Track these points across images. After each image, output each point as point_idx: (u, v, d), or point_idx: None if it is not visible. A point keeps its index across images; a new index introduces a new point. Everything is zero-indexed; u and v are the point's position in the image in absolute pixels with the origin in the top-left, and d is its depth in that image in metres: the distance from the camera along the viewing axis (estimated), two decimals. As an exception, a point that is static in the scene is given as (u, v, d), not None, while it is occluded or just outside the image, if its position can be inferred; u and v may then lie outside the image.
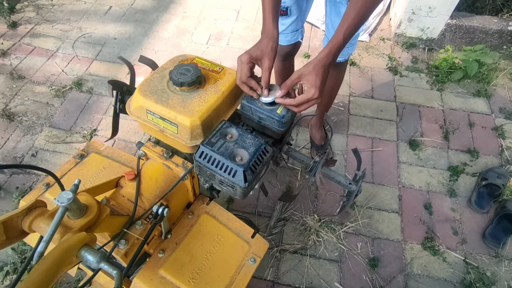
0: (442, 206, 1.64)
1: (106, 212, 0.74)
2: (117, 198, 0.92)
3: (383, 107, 1.99)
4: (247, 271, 0.96)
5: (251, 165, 0.79)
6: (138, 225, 0.87)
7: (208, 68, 0.98)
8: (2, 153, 1.71)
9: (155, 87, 0.91)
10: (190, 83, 0.89)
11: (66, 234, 0.67)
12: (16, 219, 0.67)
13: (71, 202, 0.66)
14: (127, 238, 0.85)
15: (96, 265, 0.63)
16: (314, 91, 0.80)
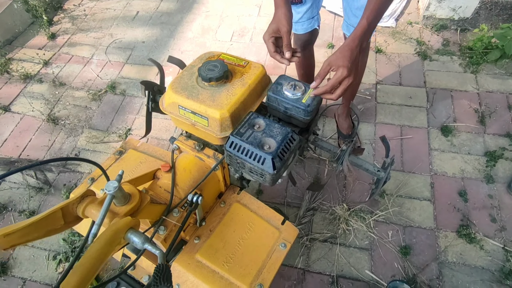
0: (479, 193, 1.58)
1: (147, 200, 0.81)
2: (154, 188, 1.00)
3: (412, 94, 1.94)
4: (278, 256, 1.00)
5: (279, 152, 0.82)
6: (175, 213, 0.94)
7: (234, 63, 1.02)
8: (50, 154, 1.87)
9: (185, 84, 0.97)
10: (218, 78, 0.93)
11: (113, 219, 0.75)
12: (72, 206, 0.75)
13: (116, 190, 0.73)
14: (165, 225, 0.92)
15: (141, 246, 0.70)
16: (343, 70, 0.83)
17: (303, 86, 0.97)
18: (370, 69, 2.06)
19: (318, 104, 0.96)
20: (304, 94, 0.95)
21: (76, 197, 0.75)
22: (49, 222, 0.72)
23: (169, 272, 0.61)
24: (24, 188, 1.74)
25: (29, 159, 1.85)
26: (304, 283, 1.44)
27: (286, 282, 1.45)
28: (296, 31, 1.45)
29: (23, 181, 1.76)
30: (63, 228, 0.76)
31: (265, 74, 1.02)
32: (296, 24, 1.41)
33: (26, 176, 1.78)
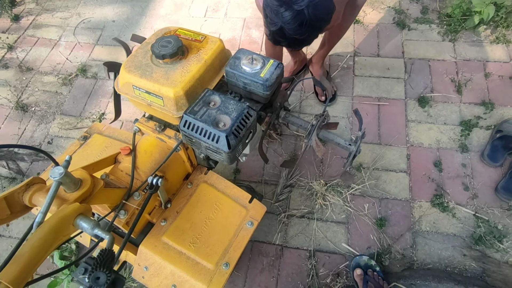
0: (453, 163, 1.59)
1: (100, 185, 0.79)
2: (116, 173, 0.97)
3: (390, 65, 1.91)
4: (245, 234, 0.99)
5: (233, 129, 0.80)
6: (136, 196, 0.92)
7: (191, 38, 0.98)
8: (21, 143, 1.82)
9: (139, 62, 0.93)
10: (172, 55, 0.89)
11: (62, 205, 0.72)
12: (17, 194, 0.72)
13: (62, 176, 0.70)
14: (126, 209, 0.90)
15: (90, 232, 0.68)
16: None
17: (262, 60, 0.93)
18: (348, 41, 2.01)
19: (278, 78, 0.93)
20: (263, 68, 0.91)
21: (21, 185, 0.72)
22: (-7, 213, 0.69)
23: (113, 259, 0.59)
24: (-4, 179, 1.70)
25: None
26: (282, 259, 1.46)
27: (265, 259, 1.47)
28: None
29: (-5, 172, 1.72)
30: (10, 218, 0.73)
31: (223, 49, 0.97)
32: None
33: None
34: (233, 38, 2.11)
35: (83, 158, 1.16)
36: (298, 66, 1.88)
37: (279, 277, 1.42)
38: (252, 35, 2.12)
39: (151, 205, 1.01)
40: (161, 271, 0.96)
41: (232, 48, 2.06)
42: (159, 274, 0.96)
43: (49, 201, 0.68)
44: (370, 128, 1.72)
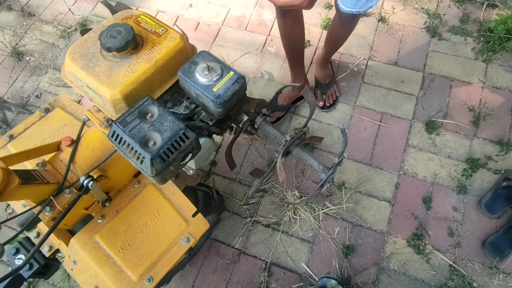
0: (444, 203, 1.43)
1: (14, 184, 0.73)
2: (55, 162, 0.92)
3: (406, 77, 1.69)
4: (178, 250, 0.94)
5: (161, 152, 0.70)
6: (66, 193, 0.87)
7: (151, 29, 0.85)
8: (11, 92, 1.81)
9: (87, 50, 0.83)
10: (118, 49, 0.78)
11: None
12: None
13: (-36, 173, 0.65)
14: (53, 206, 0.86)
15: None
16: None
17: (220, 70, 0.80)
18: (365, 40, 1.79)
19: (235, 94, 0.81)
20: (218, 81, 0.79)
21: None
22: None
23: None
24: (-18, 125, 1.72)
25: (-10, 95, 1.80)
26: (237, 264, 1.42)
27: (220, 260, 1.43)
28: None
29: (-18, 118, 1.73)
30: None
31: (183, 48, 0.85)
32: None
33: (-15, 113, 1.75)
34: (242, 16, 1.93)
35: (39, 132, 1.11)
36: (297, 93, 1.63)
37: (230, 281, 1.39)
38: (264, 15, 1.92)
39: (91, 200, 0.97)
40: (88, 269, 0.93)
41: (238, 27, 1.90)
42: (85, 271, 0.94)
43: None
44: (364, 145, 1.57)
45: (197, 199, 1.20)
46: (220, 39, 1.87)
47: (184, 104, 0.88)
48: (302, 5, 1.01)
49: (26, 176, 0.79)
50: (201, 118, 0.90)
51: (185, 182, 1.55)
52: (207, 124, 0.89)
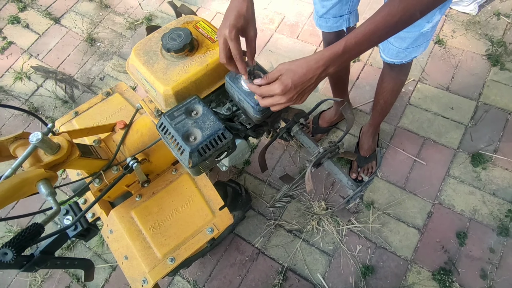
0: (481, 242, 1.36)
1: (75, 155, 0.85)
2: (108, 141, 1.04)
3: (456, 105, 1.62)
4: (201, 238, 1.01)
5: (200, 147, 0.78)
6: (114, 170, 0.98)
7: (207, 35, 0.94)
8: (80, 73, 2.04)
9: (150, 48, 0.93)
10: (177, 50, 0.87)
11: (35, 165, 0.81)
12: (6, 143, 0.82)
13: (39, 141, 0.77)
14: (102, 179, 0.97)
15: (45, 197, 0.76)
16: (278, 86, 0.69)
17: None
18: (418, 62, 1.74)
19: (274, 104, 0.86)
20: (260, 89, 0.85)
21: (10, 136, 0.82)
22: (-19, 153, 0.80)
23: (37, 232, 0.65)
24: (54, 98, 1.96)
25: (63, 72, 2.04)
26: (255, 263, 1.47)
27: (239, 256, 1.49)
28: (320, 27, 1.20)
29: (54, 91, 1.97)
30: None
31: (233, 55, 0.91)
32: (320, 19, 1.17)
33: (57, 87, 1.99)
34: (296, 24, 1.97)
35: (99, 112, 1.25)
36: (339, 117, 1.62)
37: (245, 278, 1.45)
38: (318, 26, 1.95)
39: (132, 179, 1.08)
40: (121, 239, 1.04)
41: (290, 35, 1.94)
42: (118, 241, 1.05)
43: (20, 161, 0.76)
44: (400, 168, 1.53)
45: (226, 194, 1.26)
46: (271, 45, 1.93)
47: (227, 106, 0.95)
48: (282, 101, 0.73)
49: (84, 150, 0.91)
50: (240, 121, 0.96)
51: (218, 177, 1.64)
52: (245, 127, 0.95)
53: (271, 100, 0.74)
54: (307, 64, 0.68)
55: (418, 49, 1.02)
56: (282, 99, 0.71)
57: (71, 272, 1.57)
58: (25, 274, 1.57)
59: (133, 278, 1.02)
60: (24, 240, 0.63)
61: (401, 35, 0.97)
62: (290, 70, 0.69)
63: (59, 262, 1.06)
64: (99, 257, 1.58)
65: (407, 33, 0.95)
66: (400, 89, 1.27)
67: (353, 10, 1.13)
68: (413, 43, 0.98)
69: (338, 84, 1.46)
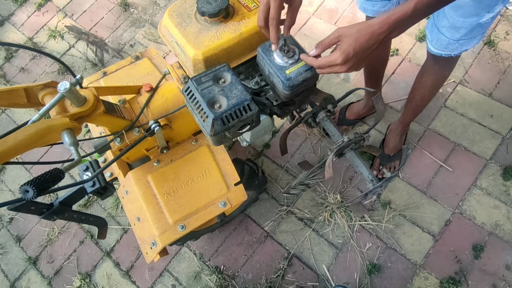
0: (498, 257, 1.29)
1: (100, 110, 0.85)
2: (133, 102, 1.04)
3: (497, 113, 1.52)
4: (213, 211, 1.01)
5: (224, 116, 0.76)
6: (135, 131, 0.98)
7: (244, 3, 0.90)
8: (112, 37, 2.05)
9: (184, 10, 0.91)
10: (211, 15, 0.85)
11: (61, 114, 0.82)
12: (36, 90, 0.83)
13: (67, 91, 0.78)
14: (123, 138, 0.98)
15: (67, 146, 0.76)
16: (339, 56, 0.66)
17: (298, 55, 0.82)
18: (462, 62, 1.63)
19: (305, 81, 0.82)
20: (293, 64, 0.81)
21: (40, 83, 0.83)
22: (12, 97, 0.82)
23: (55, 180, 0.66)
24: (84, 60, 1.99)
25: (95, 35, 2.06)
26: (262, 245, 1.47)
27: (247, 236, 1.49)
28: (365, 10, 1.13)
29: (85, 53, 2.00)
30: (27, 106, 0.86)
31: (268, 27, 0.88)
32: (366, 1, 1.09)
33: (88, 49, 2.02)
34: (335, 9, 1.89)
35: (126, 75, 1.26)
36: (368, 111, 1.57)
37: (251, 258, 1.45)
38: (357, 13, 1.86)
39: (152, 144, 1.08)
40: (135, 201, 1.06)
41: (328, 20, 1.87)
42: (133, 202, 1.06)
43: (47, 108, 0.77)
44: (424, 171, 1.47)
45: (243, 172, 1.25)
46: (306, 29, 1.87)
47: (256, 79, 0.92)
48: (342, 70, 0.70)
49: (109, 107, 0.92)
50: (267, 97, 0.93)
51: (236, 154, 1.63)
52: (271, 103, 0.92)
53: (329, 70, 0.71)
54: (369, 29, 0.64)
55: (471, 42, 0.95)
56: (342, 69, 0.68)
57: (86, 228, 1.62)
58: (44, 224, 1.64)
59: (143, 240, 1.03)
60: (45, 182, 0.64)
61: (456, 24, 0.90)
62: (350, 36, 0.65)
63: (75, 215, 1.09)
64: (113, 218, 1.62)
65: (463, 22, 0.88)
66: (440, 86, 1.20)
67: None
68: (468, 34, 0.91)
69: (373, 75, 1.40)
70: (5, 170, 1.82)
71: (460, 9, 0.88)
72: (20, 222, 1.69)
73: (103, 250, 1.58)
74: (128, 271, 1.52)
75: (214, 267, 1.45)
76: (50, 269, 1.58)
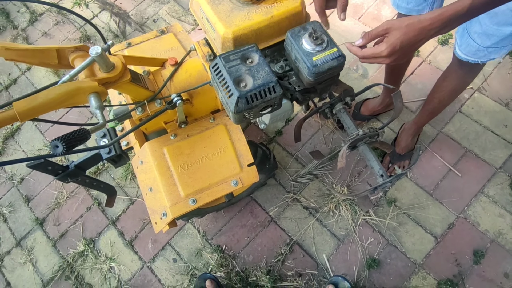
0: (497, 265, 1.31)
1: (126, 78, 0.87)
2: (156, 75, 1.06)
3: (511, 123, 1.51)
4: (225, 188, 1.03)
5: (248, 95, 0.77)
6: (157, 103, 1.00)
7: (278, -15, 0.91)
8: (136, 11, 2.05)
9: (218, -13, 0.91)
10: (245, -6, 0.85)
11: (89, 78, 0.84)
12: (67, 51, 0.85)
13: (98, 56, 0.79)
14: (145, 108, 1.00)
15: (93, 109, 0.79)
16: (385, 48, 0.66)
17: (327, 43, 0.83)
18: (482, 70, 1.62)
19: (331, 69, 0.83)
20: (320, 52, 0.82)
21: (72, 46, 0.85)
22: (44, 56, 0.84)
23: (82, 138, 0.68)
24: (106, 30, 2.00)
25: (120, 7, 2.07)
26: (265, 229, 1.50)
27: (252, 219, 1.52)
28: (398, 7, 1.11)
29: (108, 23, 2.01)
30: (57, 66, 0.88)
31: (299, 12, 0.89)
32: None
33: (111, 21, 2.02)
34: (361, 5, 1.88)
35: (151, 48, 1.27)
36: (383, 109, 1.56)
37: (253, 241, 1.48)
38: (382, 11, 1.85)
39: (171, 117, 1.10)
40: (149, 171, 1.08)
41: (352, 15, 1.86)
42: (146, 172, 1.09)
43: (78, 70, 0.79)
44: (433, 173, 1.48)
45: (256, 155, 1.27)
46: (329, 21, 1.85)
47: (281, 63, 0.93)
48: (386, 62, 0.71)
49: (134, 76, 0.93)
50: (290, 82, 0.94)
51: (248, 138, 1.65)
52: (293, 89, 0.93)
53: (372, 60, 0.72)
54: (420, 25, 0.64)
55: (500, 51, 0.94)
56: (386, 61, 0.69)
57: (94, 195, 1.66)
58: (54, 187, 1.69)
59: (154, 210, 1.06)
60: (74, 139, 0.66)
61: (488, 31, 0.89)
62: (399, 30, 0.65)
63: (88, 180, 1.12)
64: (121, 189, 1.66)
65: (496, 30, 0.87)
66: (460, 92, 1.20)
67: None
68: (499, 42, 0.90)
69: (394, 73, 1.39)
70: (20, 131, 1.86)
71: (496, 17, 0.87)
72: (31, 183, 1.73)
73: (109, 219, 1.62)
74: (131, 241, 1.56)
75: (216, 246, 1.49)
76: (56, 231, 1.62)
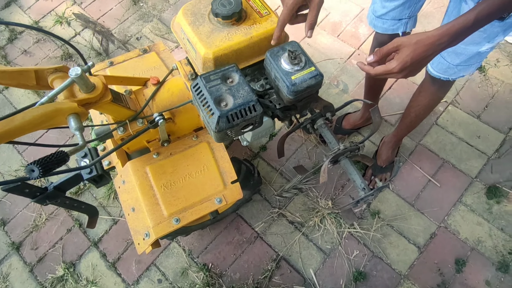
0: (478, 273, 1.34)
1: (107, 98, 0.87)
2: (138, 94, 1.06)
3: (484, 134, 1.58)
4: (209, 206, 1.03)
5: (229, 114, 0.79)
6: (139, 122, 1.00)
7: (256, 8, 0.94)
8: (119, 29, 2.07)
9: (198, 10, 0.94)
10: (225, 17, 0.88)
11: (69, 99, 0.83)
12: (46, 73, 0.85)
13: (77, 77, 0.79)
14: (126, 128, 1.00)
15: (72, 131, 0.78)
16: (396, 65, 0.69)
17: (305, 63, 0.86)
18: (454, 84, 1.70)
19: (309, 88, 0.86)
20: (299, 71, 0.85)
21: (51, 67, 0.84)
22: (22, 77, 0.83)
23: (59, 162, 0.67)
24: (89, 48, 2.00)
25: (102, 25, 2.07)
26: (251, 246, 1.49)
27: (238, 236, 1.51)
28: (375, 27, 1.17)
29: (90, 42, 2.01)
30: (36, 88, 0.87)
31: (278, 33, 0.92)
32: (377, 19, 1.14)
33: (94, 38, 2.02)
34: (339, 23, 1.95)
35: (133, 67, 1.28)
36: (363, 122, 1.62)
37: (239, 258, 1.47)
38: (360, 29, 1.92)
39: (154, 136, 1.10)
40: (131, 191, 1.07)
41: (331, 32, 1.93)
42: (129, 192, 1.08)
43: (57, 91, 0.78)
44: (414, 184, 1.52)
45: (240, 171, 1.28)
46: (309, 39, 1.92)
47: (261, 82, 0.96)
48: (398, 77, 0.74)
49: (116, 96, 0.93)
50: (270, 100, 0.96)
51: (233, 154, 1.65)
52: (274, 106, 0.95)
53: (385, 76, 0.74)
54: (428, 40, 0.67)
55: (469, 69, 0.99)
56: (398, 76, 0.72)
57: (75, 216, 1.62)
58: (32, 209, 1.63)
59: (137, 230, 1.04)
60: (51, 163, 0.65)
61: (457, 50, 0.94)
62: (409, 47, 0.68)
63: (68, 201, 1.09)
64: (104, 208, 1.62)
65: (464, 49, 0.93)
66: (434, 106, 1.25)
67: (413, 15, 1.10)
68: (467, 61, 0.95)
69: (373, 88, 1.44)
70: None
71: None
72: (7, 205, 1.67)
73: (91, 240, 1.57)
74: (114, 263, 1.52)
75: (202, 264, 1.46)
76: (34, 256, 1.56)
